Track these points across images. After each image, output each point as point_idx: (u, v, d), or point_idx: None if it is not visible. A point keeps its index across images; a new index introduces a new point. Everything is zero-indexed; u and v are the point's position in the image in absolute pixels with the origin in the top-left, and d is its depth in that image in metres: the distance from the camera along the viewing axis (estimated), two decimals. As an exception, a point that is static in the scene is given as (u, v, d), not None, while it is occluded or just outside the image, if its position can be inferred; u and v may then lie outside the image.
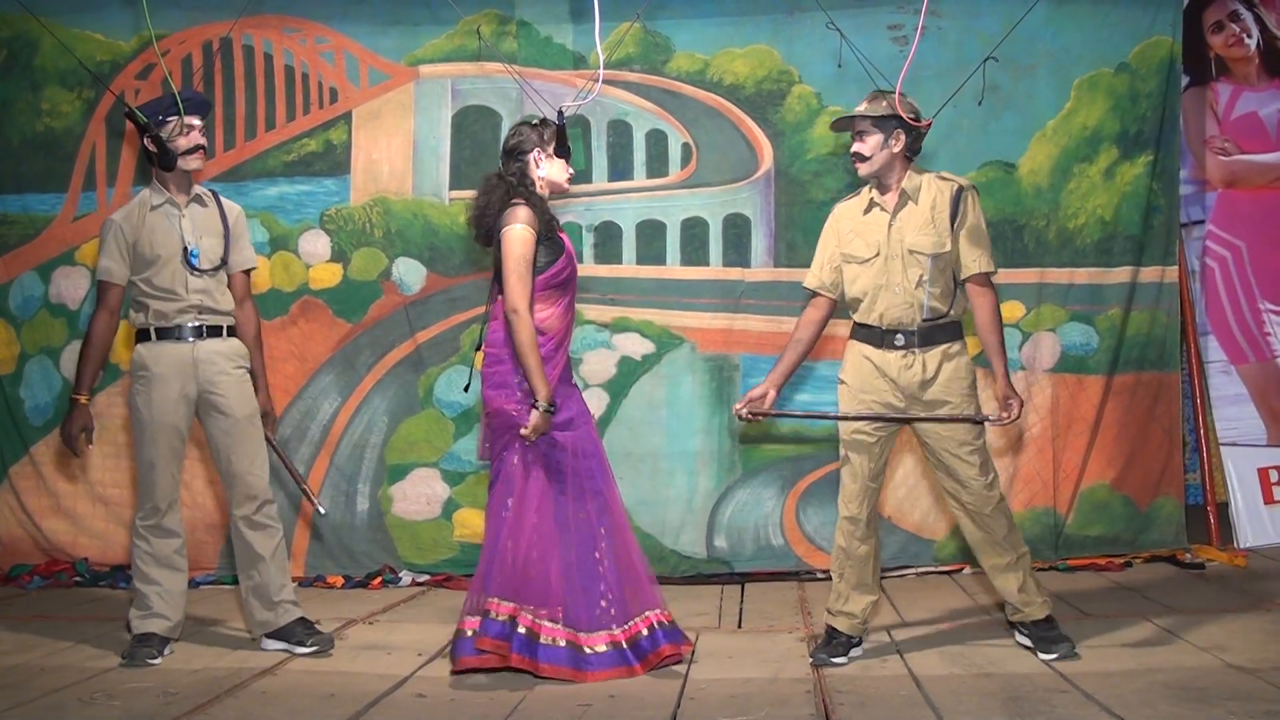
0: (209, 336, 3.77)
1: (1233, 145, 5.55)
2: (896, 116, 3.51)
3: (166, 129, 3.69)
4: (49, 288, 5.35)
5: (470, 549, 5.16)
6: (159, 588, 3.75)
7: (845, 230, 3.65)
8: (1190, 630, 3.81)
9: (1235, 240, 5.53)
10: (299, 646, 3.79)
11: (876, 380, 3.55)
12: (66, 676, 3.51)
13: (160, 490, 3.73)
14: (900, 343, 3.53)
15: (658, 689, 3.33)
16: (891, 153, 3.53)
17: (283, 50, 5.30)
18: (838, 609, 3.65)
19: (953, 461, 3.54)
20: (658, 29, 5.19)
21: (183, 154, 3.70)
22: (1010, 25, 4.71)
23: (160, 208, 3.75)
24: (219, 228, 3.84)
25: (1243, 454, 5.43)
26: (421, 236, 5.24)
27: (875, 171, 3.57)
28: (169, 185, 3.77)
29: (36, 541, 5.28)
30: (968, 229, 3.53)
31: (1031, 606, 3.59)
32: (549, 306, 3.55)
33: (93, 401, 3.82)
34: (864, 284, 3.57)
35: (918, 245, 3.51)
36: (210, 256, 3.79)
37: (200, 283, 3.76)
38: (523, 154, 3.61)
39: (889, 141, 3.53)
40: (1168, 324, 5.17)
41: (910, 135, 3.55)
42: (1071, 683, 3.25)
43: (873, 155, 3.54)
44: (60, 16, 5.21)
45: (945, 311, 3.53)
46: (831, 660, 3.57)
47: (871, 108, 3.55)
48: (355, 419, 5.23)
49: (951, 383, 3.52)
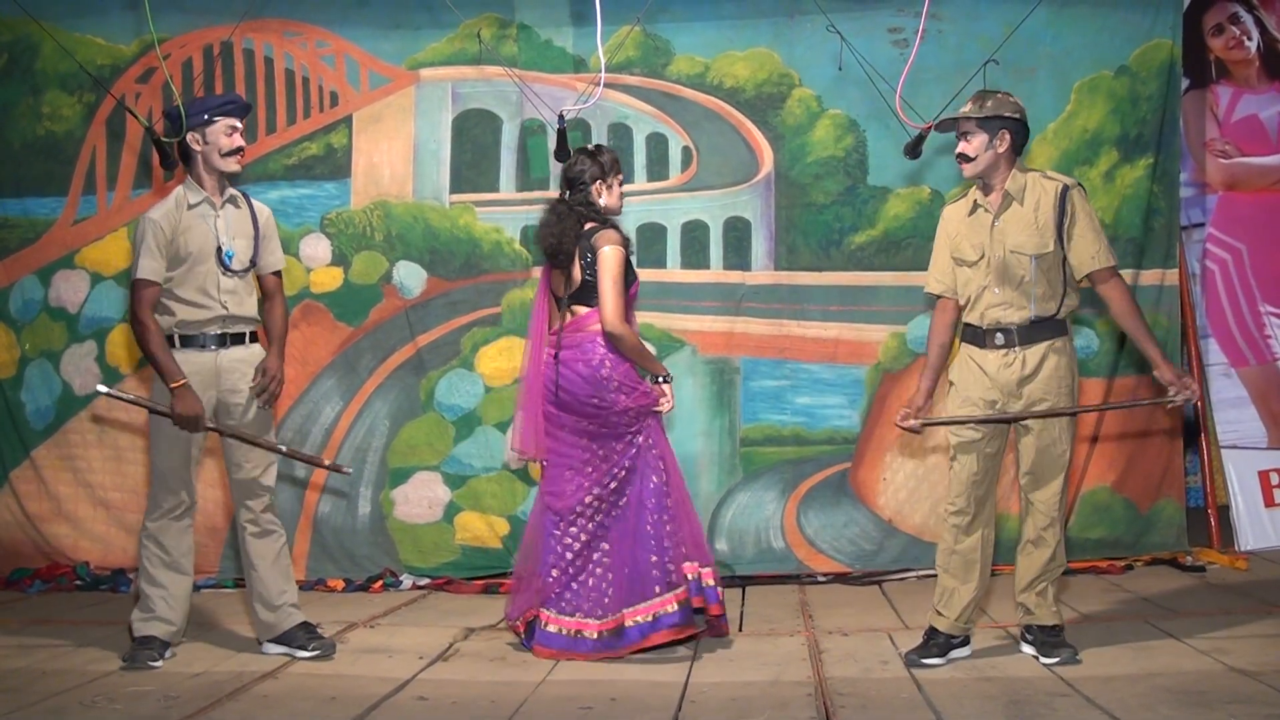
0: (232, 345, 3.79)
1: (1233, 148, 5.56)
2: (1002, 116, 3.49)
3: (212, 129, 3.72)
4: (49, 291, 5.36)
5: (471, 552, 5.17)
6: (164, 591, 3.75)
7: (954, 233, 3.67)
8: (1191, 634, 3.81)
9: (1236, 243, 5.54)
10: (300, 651, 3.80)
11: (980, 379, 3.57)
12: (67, 680, 3.52)
13: (173, 493, 3.74)
14: (1000, 341, 3.54)
15: (658, 692, 3.34)
16: (997, 153, 3.51)
17: (283, 54, 5.31)
18: (937, 607, 3.65)
19: (1041, 463, 3.55)
20: (658, 32, 5.21)
21: (224, 155, 3.74)
22: (1010, 28, 4.74)
23: (197, 206, 3.76)
24: (250, 229, 3.86)
25: (1243, 457, 5.44)
26: (422, 240, 5.25)
27: (980, 172, 3.55)
28: (204, 184, 3.79)
29: (37, 545, 5.29)
30: (1079, 228, 3.52)
31: (1043, 610, 3.60)
32: (629, 315, 3.93)
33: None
34: (973, 285, 3.60)
35: (1020, 246, 3.51)
36: (242, 258, 3.81)
37: (230, 283, 3.78)
38: (584, 184, 3.90)
39: (994, 142, 3.50)
40: (1168, 327, 5.18)
41: (1017, 135, 3.54)
42: (1072, 686, 3.26)
43: (977, 156, 3.52)
44: (61, 20, 5.22)
45: (1053, 313, 3.53)
46: (923, 661, 3.56)
47: (976, 108, 3.53)
48: (357, 423, 5.24)
49: (1051, 380, 3.52)
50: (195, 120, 3.70)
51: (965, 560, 3.60)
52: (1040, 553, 3.59)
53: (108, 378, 5.25)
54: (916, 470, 5.11)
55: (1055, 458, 3.55)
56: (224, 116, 3.73)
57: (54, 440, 5.33)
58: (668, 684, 3.43)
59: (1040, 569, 3.59)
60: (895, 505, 5.12)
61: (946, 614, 3.61)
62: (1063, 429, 3.55)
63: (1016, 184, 3.55)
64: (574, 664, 3.69)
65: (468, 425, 5.22)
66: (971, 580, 3.60)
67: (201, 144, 3.73)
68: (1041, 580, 3.60)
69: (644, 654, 3.77)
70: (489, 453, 5.18)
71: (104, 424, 5.29)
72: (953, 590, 3.61)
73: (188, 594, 3.83)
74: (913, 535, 5.11)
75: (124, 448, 5.27)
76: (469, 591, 4.98)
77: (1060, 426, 3.55)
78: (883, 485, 5.14)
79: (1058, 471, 3.56)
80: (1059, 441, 3.55)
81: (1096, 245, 3.52)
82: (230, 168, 3.77)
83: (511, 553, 5.14)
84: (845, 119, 5.17)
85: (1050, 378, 3.52)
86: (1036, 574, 3.59)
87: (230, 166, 3.77)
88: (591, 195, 3.90)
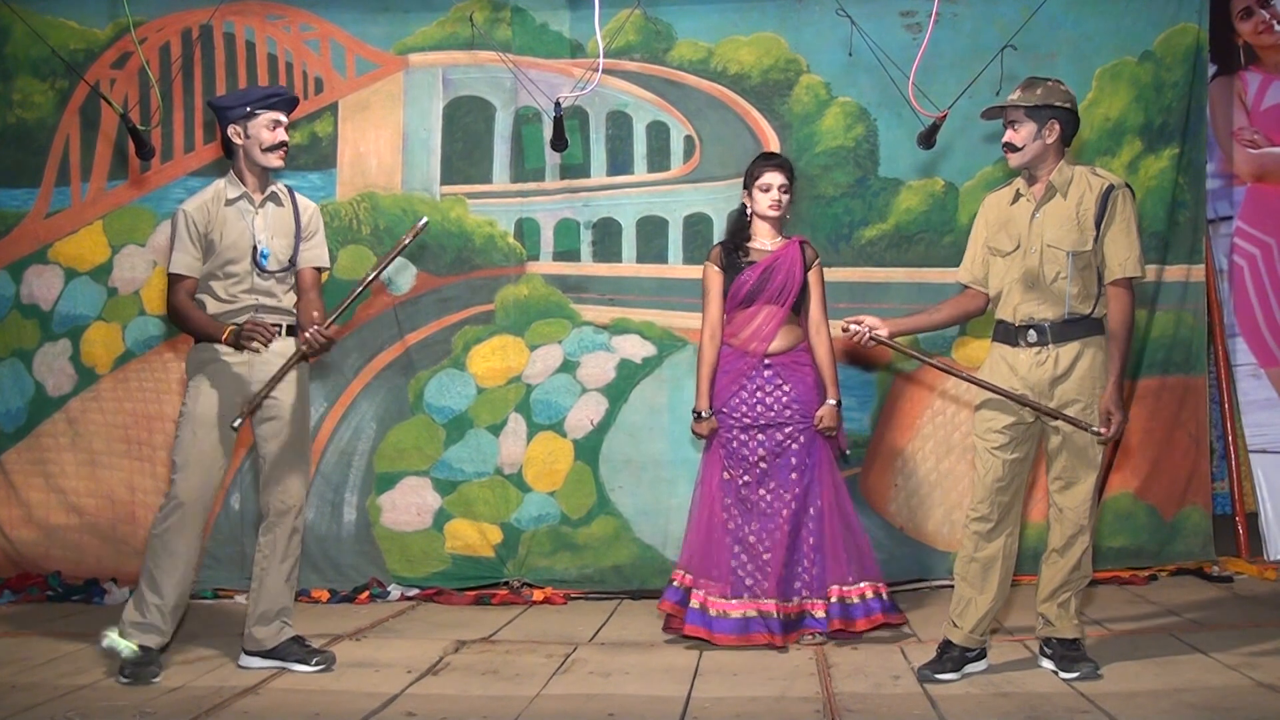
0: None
1: (1262, 137, 5.55)
2: (1052, 105, 3.49)
3: (254, 123, 3.72)
4: (20, 288, 5.36)
5: (462, 561, 5.16)
6: (161, 601, 3.72)
7: (992, 220, 3.69)
8: (1218, 647, 3.80)
9: (1265, 237, 5.53)
10: (300, 665, 3.79)
11: (1010, 380, 3.56)
12: (39, 694, 3.51)
13: (189, 490, 3.70)
14: (1033, 339, 3.54)
15: (658, 707, 3.33)
16: (1045, 144, 3.52)
17: (265, 38, 5.30)
18: (952, 617, 3.64)
19: (1071, 465, 3.54)
20: (659, 15, 5.20)
21: (266, 150, 3.74)
22: (1029, 11, 4.73)
23: (236, 203, 3.77)
24: (291, 227, 3.86)
25: (1273, 462, 5.42)
26: (411, 233, 5.24)
27: (1026, 162, 3.56)
28: (245, 179, 3.79)
29: (7, 554, 5.28)
30: (1115, 229, 3.51)
31: (1063, 623, 3.59)
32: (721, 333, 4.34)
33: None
34: (1005, 278, 3.61)
35: (1057, 241, 3.51)
36: (280, 258, 3.81)
37: (266, 284, 3.78)
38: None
39: (1042, 132, 3.51)
40: (1194, 325, 5.18)
41: (1067, 125, 3.54)
42: (1093, 703, 3.25)
43: (1024, 146, 3.52)
44: (32, 3, 5.22)
45: (1088, 312, 3.53)
46: (936, 676, 3.55)
47: (1025, 96, 3.52)
48: (342, 425, 5.23)
49: (1084, 380, 3.51)
50: (237, 113, 3.72)
51: (984, 568, 3.59)
52: (1066, 561, 3.57)
53: (83, 379, 5.25)
54: (929, 476, 5.10)
55: (1088, 460, 3.53)
56: (267, 110, 3.73)
57: (25, 444, 5.32)
58: (668, 699, 3.42)
59: (1064, 578, 3.57)
60: (907, 513, 5.11)
61: (961, 625, 3.59)
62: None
63: (1063, 176, 3.55)
64: (569, 678, 3.69)
65: (459, 428, 5.21)
66: (990, 590, 3.59)
67: (243, 138, 3.74)
68: (1065, 590, 3.58)
69: (645, 668, 3.78)
70: (481, 457, 5.18)
71: (78, 427, 5.28)
72: (970, 600, 3.60)
73: (185, 597, 3.81)
74: (925, 544, 5.10)
75: (98, 452, 5.26)
76: (460, 602, 4.97)
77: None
78: (894, 492, 5.13)
79: (1088, 474, 3.54)
80: (1091, 444, 3.53)
81: (1128, 253, 3.51)
82: (273, 163, 3.78)
83: (505, 561, 5.14)
84: (855, 107, 5.16)
85: (1085, 377, 3.51)
86: (1060, 583, 3.58)
87: (273, 162, 3.77)
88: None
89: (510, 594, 5.03)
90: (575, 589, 5.09)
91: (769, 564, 4.08)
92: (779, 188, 4.21)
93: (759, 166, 4.25)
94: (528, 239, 5.23)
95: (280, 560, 3.83)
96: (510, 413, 5.19)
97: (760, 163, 4.27)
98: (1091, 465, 3.54)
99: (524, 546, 5.15)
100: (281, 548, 3.83)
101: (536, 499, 5.17)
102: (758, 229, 4.28)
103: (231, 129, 3.74)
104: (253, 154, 3.76)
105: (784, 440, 4.17)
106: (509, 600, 4.98)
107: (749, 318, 4.22)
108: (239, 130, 3.74)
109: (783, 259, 4.22)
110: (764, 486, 4.17)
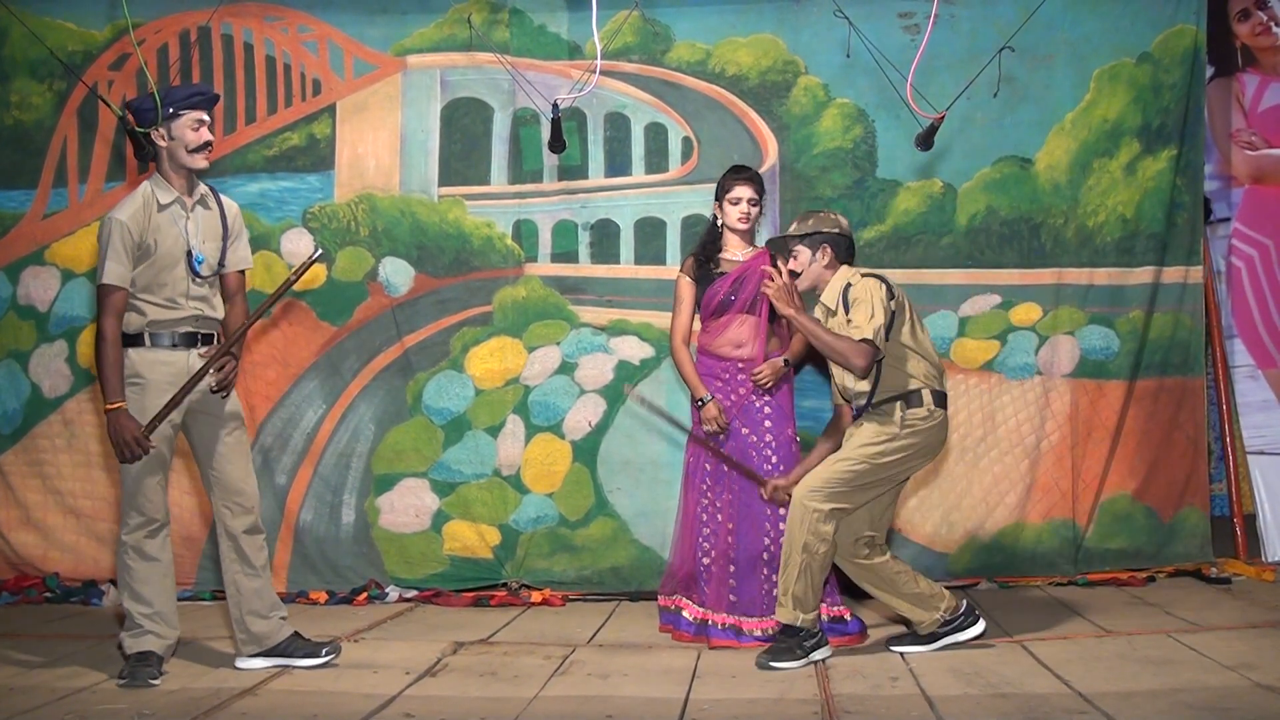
0: (203, 344, 3.77)
1: (1260, 139, 5.57)
2: (821, 231, 3.97)
3: (177, 123, 3.68)
4: (17, 289, 5.36)
5: (461, 563, 5.17)
6: (148, 608, 3.72)
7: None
8: (1216, 648, 3.82)
9: (1263, 239, 5.55)
10: (309, 659, 3.81)
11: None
12: (36, 697, 3.51)
13: (148, 501, 3.70)
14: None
15: (656, 709, 3.34)
16: (821, 265, 4.00)
17: (263, 40, 5.31)
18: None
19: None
20: (657, 17, 5.21)
21: (191, 151, 3.69)
22: (1027, 13, 4.73)
23: (169, 208, 3.71)
24: (219, 230, 3.82)
25: (1271, 463, 5.44)
26: (409, 235, 5.25)
27: (810, 285, 4.04)
28: (173, 182, 3.74)
29: (5, 555, 5.28)
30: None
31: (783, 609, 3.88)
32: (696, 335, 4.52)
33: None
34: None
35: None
36: (211, 263, 3.78)
37: (200, 290, 3.76)
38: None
39: (816, 255, 3.99)
40: (1192, 326, 5.19)
41: (839, 247, 4.00)
42: (1091, 703, 3.26)
43: (803, 270, 4.01)
44: (30, 4, 5.22)
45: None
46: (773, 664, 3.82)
47: (799, 227, 4.02)
48: (340, 427, 5.24)
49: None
50: (160, 114, 3.65)
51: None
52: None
53: (79, 380, 5.25)
54: (927, 478, 5.11)
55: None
56: (189, 109, 3.68)
57: (22, 445, 5.32)
58: (666, 700, 3.43)
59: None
60: (905, 514, 5.12)
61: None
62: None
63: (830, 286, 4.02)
64: (568, 680, 3.70)
65: (457, 430, 5.21)
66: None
67: (166, 139, 3.69)
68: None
69: (643, 670, 3.79)
70: (479, 458, 5.18)
71: (75, 428, 5.29)
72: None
73: (174, 605, 3.81)
74: (923, 545, 5.11)
75: (95, 453, 5.26)
76: (458, 604, 4.98)
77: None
78: (893, 493, 5.14)
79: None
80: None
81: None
82: (198, 164, 3.73)
83: (503, 563, 5.15)
84: (853, 109, 5.17)
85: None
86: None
87: (198, 163, 3.72)
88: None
89: (508, 595, 5.04)
90: (573, 590, 5.10)
91: (734, 574, 4.22)
92: (748, 201, 4.32)
93: (729, 180, 4.36)
94: (526, 240, 5.24)
95: (257, 555, 3.83)
96: (508, 414, 5.19)
97: (730, 176, 4.37)
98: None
99: (522, 548, 5.16)
100: (254, 543, 3.83)
101: (535, 500, 5.18)
102: (729, 240, 4.38)
103: (155, 131, 3.67)
104: (178, 156, 3.69)
105: (760, 445, 4.28)
106: (507, 602, 4.98)
107: (722, 327, 4.33)
108: (162, 133, 3.67)
109: (752, 269, 4.29)
110: (730, 491, 4.26)
